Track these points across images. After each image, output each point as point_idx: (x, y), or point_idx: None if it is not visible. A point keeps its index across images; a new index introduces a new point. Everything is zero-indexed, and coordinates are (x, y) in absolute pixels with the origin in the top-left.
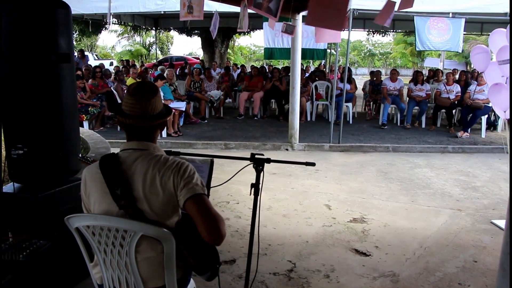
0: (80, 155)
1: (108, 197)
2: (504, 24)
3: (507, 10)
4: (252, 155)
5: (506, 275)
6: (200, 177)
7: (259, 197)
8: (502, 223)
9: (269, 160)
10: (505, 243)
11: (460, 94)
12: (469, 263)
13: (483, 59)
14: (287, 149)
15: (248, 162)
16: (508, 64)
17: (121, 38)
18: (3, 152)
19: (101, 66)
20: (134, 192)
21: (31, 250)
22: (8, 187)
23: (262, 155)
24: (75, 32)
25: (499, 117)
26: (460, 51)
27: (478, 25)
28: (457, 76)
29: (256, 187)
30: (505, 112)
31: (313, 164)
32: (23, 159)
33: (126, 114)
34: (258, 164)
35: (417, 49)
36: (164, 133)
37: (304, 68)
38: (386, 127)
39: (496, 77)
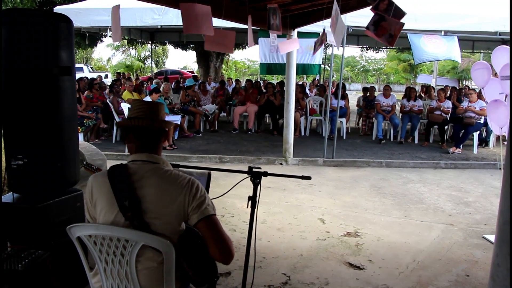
0: (84, 162)
1: (115, 207)
2: (495, 42)
3: (498, 29)
4: (250, 168)
5: (496, 286)
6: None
7: (255, 210)
8: (493, 238)
9: (266, 174)
10: (494, 255)
11: (450, 109)
12: (461, 277)
13: (483, 75)
14: (281, 164)
15: (246, 175)
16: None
17: (117, 51)
18: (3, 163)
19: (98, 78)
20: (142, 205)
21: (29, 260)
22: (7, 197)
23: (259, 168)
24: None
25: (490, 133)
26: (460, 62)
27: (469, 42)
28: (448, 93)
29: (253, 200)
30: (501, 128)
31: (309, 178)
32: (22, 169)
33: (131, 117)
34: (255, 177)
35: (415, 63)
36: None
37: (301, 83)
38: (383, 141)
39: (496, 93)
